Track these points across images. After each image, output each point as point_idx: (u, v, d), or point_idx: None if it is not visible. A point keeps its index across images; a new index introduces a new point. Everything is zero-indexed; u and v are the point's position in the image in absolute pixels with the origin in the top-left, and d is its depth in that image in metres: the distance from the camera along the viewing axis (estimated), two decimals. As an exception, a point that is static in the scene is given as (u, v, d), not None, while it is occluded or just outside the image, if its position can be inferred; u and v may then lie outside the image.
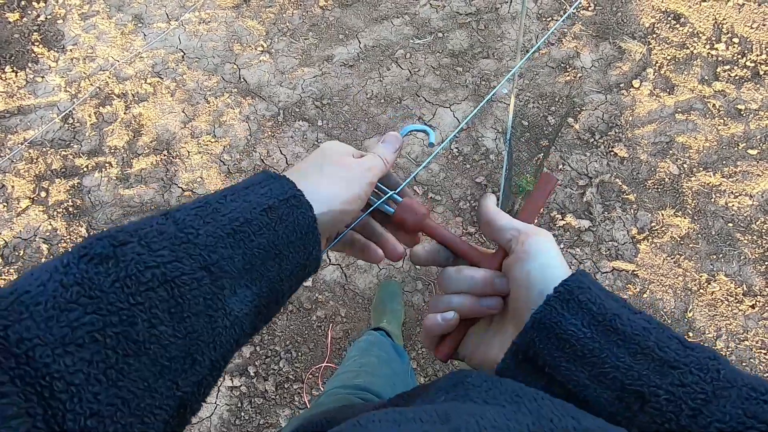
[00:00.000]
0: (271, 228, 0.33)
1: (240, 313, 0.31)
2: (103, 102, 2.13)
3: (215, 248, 0.30)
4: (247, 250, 0.32)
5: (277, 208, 0.33)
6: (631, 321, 0.31)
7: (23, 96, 2.17)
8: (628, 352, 0.30)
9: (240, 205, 0.33)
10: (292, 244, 0.34)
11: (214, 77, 2.16)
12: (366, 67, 2.16)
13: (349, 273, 1.77)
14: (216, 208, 0.32)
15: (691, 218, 1.80)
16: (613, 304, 0.32)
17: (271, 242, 0.33)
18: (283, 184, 0.35)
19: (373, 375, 0.85)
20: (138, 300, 0.26)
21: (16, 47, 2.28)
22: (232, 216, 0.32)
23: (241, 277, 0.31)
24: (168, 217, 0.31)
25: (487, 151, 1.95)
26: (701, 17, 2.17)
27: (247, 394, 1.59)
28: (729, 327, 1.64)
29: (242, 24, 2.28)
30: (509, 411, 0.27)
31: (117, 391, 0.24)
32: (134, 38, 2.27)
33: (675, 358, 0.29)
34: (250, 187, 0.35)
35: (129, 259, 0.27)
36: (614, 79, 2.07)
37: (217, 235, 0.30)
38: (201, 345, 0.28)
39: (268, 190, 0.34)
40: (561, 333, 0.31)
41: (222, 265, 0.30)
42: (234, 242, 0.31)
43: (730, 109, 1.98)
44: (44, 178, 1.99)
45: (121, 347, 0.25)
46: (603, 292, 0.33)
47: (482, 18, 2.24)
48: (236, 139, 2.03)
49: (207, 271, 0.29)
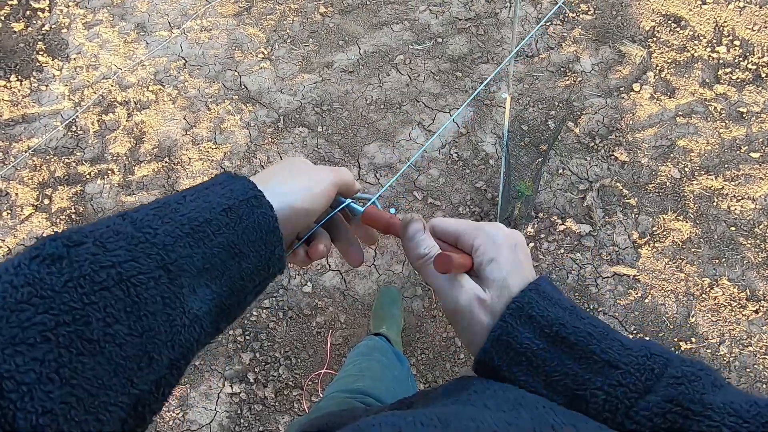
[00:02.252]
0: (230, 227, 0.33)
1: (200, 311, 0.31)
2: (106, 110, 2.16)
3: (174, 247, 0.30)
4: (207, 249, 0.32)
5: (237, 208, 0.34)
6: (576, 329, 0.34)
7: (27, 104, 2.20)
8: (574, 359, 0.33)
9: (200, 205, 0.33)
10: (253, 243, 0.34)
11: (215, 84, 2.18)
12: (366, 72, 2.16)
13: (349, 279, 1.77)
14: (175, 208, 0.32)
15: (693, 222, 1.78)
16: (560, 314, 0.34)
17: (231, 241, 0.33)
18: (243, 185, 0.35)
19: (374, 379, 0.85)
20: (92, 299, 0.26)
21: (21, 56, 2.31)
22: (191, 216, 0.32)
23: (201, 275, 0.31)
24: (125, 217, 0.31)
25: (486, 156, 1.95)
26: (702, 20, 2.16)
27: (247, 401, 1.59)
28: (732, 332, 1.62)
29: (243, 31, 2.30)
30: (510, 416, 0.28)
31: (71, 389, 0.24)
32: (137, 46, 2.30)
33: (616, 358, 0.32)
34: (210, 187, 0.35)
35: (83, 259, 0.27)
36: (614, 82, 2.07)
37: (176, 235, 0.31)
38: (158, 344, 0.28)
39: (228, 190, 0.35)
40: (517, 347, 0.34)
41: (181, 264, 0.30)
42: (193, 241, 0.31)
43: (732, 112, 1.97)
44: (47, 185, 2.01)
45: (74, 346, 0.25)
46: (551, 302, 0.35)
47: (482, 23, 2.24)
48: (237, 146, 2.04)
49: (165, 270, 0.29)
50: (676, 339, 1.62)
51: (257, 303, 1.73)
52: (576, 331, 0.33)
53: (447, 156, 1.96)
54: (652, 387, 0.31)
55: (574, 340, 0.33)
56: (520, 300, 0.35)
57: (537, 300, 0.35)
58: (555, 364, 0.33)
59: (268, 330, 1.69)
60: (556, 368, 0.33)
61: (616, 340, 0.33)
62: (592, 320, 0.35)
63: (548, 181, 1.89)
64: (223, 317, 0.34)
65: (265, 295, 1.74)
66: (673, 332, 1.63)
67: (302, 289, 1.75)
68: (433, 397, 0.35)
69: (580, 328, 0.33)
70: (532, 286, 0.35)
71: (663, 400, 0.31)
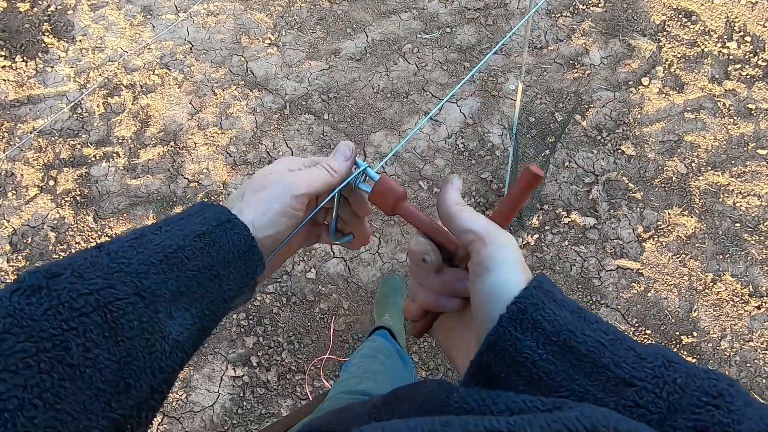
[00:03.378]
0: (205, 252, 0.34)
1: (180, 336, 0.32)
2: (112, 93, 2.15)
3: (147, 275, 0.31)
4: (181, 274, 0.33)
5: (210, 233, 0.35)
6: (587, 337, 0.29)
7: (33, 85, 2.19)
8: (583, 373, 0.29)
9: (174, 234, 0.34)
10: (231, 264, 0.35)
11: (221, 69, 2.17)
12: (373, 61, 2.15)
13: (353, 266, 1.77)
14: (150, 238, 0.33)
15: (698, 218, 1.78)
16: (568, 319, 0.30)
17: (207, 265, 0.34)
18: (216, 211, 0.36)
19: (377, 381, 0.86)
20: (71, 325, 0.27)
21: (27, 37, 2.29)
22: (165, 244, 0.33)
23: (177, 300, 0.32)
24: (101, 249, 0.32)
25: (492, 146, 1.94)
26: (713, 15, 2.15)
27: (250, 384, 1.60)
28: (734, 327, 1.62)
29: (250, 16, 2.28)
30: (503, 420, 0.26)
31: (55, 414, 0.25)
32: (143, 30, 2.28)
33: (631, 374, 0.28)
34: (186, 217, 0.36)
35: (61, 288, 0.28)
36: (623, 76, 2.06)
37: (149, 263, 0.32)
38: (136, 370, 0.29)
39: (202, 218, 0.36)
40: (516, 355, 0.30)
41: (154, 290, 0.31)
42: (167, 268, 0.32)
43: (741, 108, 1.96)
44: (53, 167, 2.01)
45: (56, 371, 0.26)
46: (558, 304, 0.31)
47: (490, 13, 2.23)
48: (243, 132, 2.03)
49: (140, 297, 0.30)
50: (677, 333, 1.63)
51: (261, 288, 1.73)
52: (586, 339, 0.29)
53: (453, 146, 1.96)
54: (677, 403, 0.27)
55: (584, 351, 0.29)
56: (522, 301, 0.30)
57: (543, 301, 0.30)
58: (561, 378, 0.29)
59: (272, 315, 1.70)
60: (561, 383, 0.29)
61: (630, 348, 0.29)
62: (601, 324, 0.30)
63: (554, 174, 1.88)
64: (203, 338, 0.35)
65: (269, 280, 1.75)
66: (674, 326, 1.64)
67: (306, 276, 1.75)
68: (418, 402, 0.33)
69: (590, 336, 0.29)
70: (536, 282, 0.31)
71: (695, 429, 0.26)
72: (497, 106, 2.03)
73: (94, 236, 1.88)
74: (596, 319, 0.31)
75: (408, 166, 1.92)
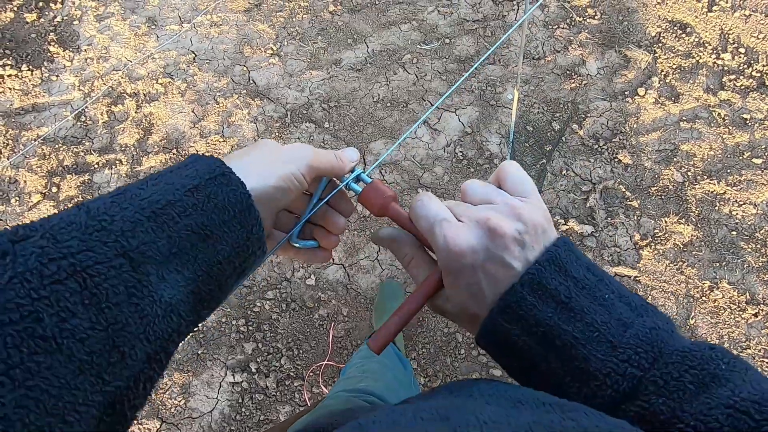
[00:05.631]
0: (198, 208, 0.31)
1: (173, 299, 0.29)
2: (115, 101, 2.18)
3: (134, 233, 0.28)
4: (173, 233, 0.30)
5: (204, 187, 0.32)
6: (562, 331, 0.32)
7: (38, 94, 2.22)
8: (558, 359, 0.33)
9: (162, 188, 0.31)
10: (226, 224, 0.32)
11: (224, 79, 2.20)
12: (373, 71, 2.19)
13: (352, 273, 1.78)
14: (135, 193, 0.30)
15: (695, 226, 1.80)
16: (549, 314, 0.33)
17: (200, 223, 0.31)
18: (209, 163, 0.33)
19: (376, 380, 0.86)
20: (42, 294, 0.24)
21: (33, 47, 2.33)
22: (152, 199, 0.30)
23: (169, 261, 0.29)
24: (81, 207, 0.29)
25: (491, 155, 1.97)
26: (707, 27, 2.19)
27: (248, 390, 1.60)
28: (731, 335, 1.63)
29: (253, 27, 2.32)
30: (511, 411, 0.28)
31: (27, 392, 0.23)
32: (147, 40, 2.32)
33: (596, 367, 0.31)
34: (175, 170, 0.33)
35: (29, 253, 0.25)
36: (619, 86, 2.09)
37: (136, 220, 0.29)
38: (128, 336, 0.27)
39: (193, 170, 0.33)
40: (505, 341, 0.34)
41: (143, 250, 0.28)
42: (156, 226, 0.29)
43: (736, 118, 1.99)
44: (56, 173, 2.03)
45: (25, 345, 0.23)
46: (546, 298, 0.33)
47: (489, 25, 2.27)
48: (244, 139, 2.06)
49: (126, 258, 0.27)
50: (675, 340, 1.63)
51: (260, 294, 1.74)
52: (562, 333, 0.32)
53: (452, 154, 1.98)
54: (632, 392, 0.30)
55: (559, 344, 0.32)
56: (509, 298, 0.33)
57: (526, 298, 0.33)
58: (540, 360, 0.33)
59: (271, 321, 1.70)
60: (541, 363, 0.33)
61: (606, 341, 0.31)
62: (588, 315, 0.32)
63: (551, 182, 1.90)
64: (203, 304, 0.32)
65: (268, 286, 1.76)
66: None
67: (305, 282, 1.76)
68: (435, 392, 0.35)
69: (567, 330, 0.32)
70: (526, 278, 0.33)
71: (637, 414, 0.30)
72: (495, 115, 2.05)
73: (95, 242, 1.90)
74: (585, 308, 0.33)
75: (407, 174, 1.94)
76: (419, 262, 0.40)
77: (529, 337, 0.33)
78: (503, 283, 0.34)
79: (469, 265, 0.34)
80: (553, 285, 0.33)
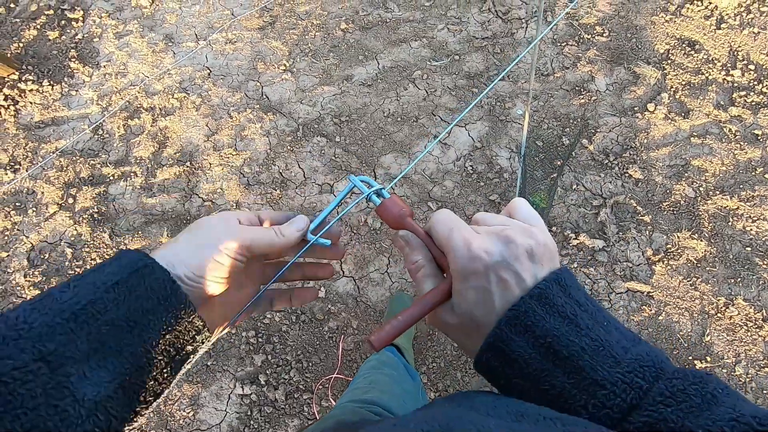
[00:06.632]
0: (119, 302, 0.32)
1: (98, 396, 0.30)
2: (132, 115, 2.23)
3: (52, 336, 0.29)
4: (93, 330, 0.31)
5: (125, 282, 0.33)
6: (570, 342, 0.33)
7: (57, 108, 2.28)
8: (564, 372, 0.33)
9: (83, 290, 0.32)
10: (150, 311, 0.33)
11: (237, 94, 2.25)
12: (384, 86, 2.22)
13: (362, 285, 1.78)
14: (57, 297, 0.32)
15: (708, 241, 1.78)
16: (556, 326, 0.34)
17: (122, 316, 0.32)
18: (132, 258, 0.35)
19: (383, 391, 0.86)
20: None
21: (54, 63, 2.41)
22: (72, 301, 0.31)
23: (89, 359, 0.30)
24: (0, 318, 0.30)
25: (501, 169, 1.98)
26: (716, 44, 2.20)
27: (257, 403, 1.59)
28: (749, 353, 1.60)
29: (266, 44, 2.38)
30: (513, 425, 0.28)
31: None
32: (164, 56, 2.38)
33: (604, 377, 0.32)
34: (100, 268, 0.34)
35: None
36: (629, 102, 2.10)
37: (54, 323, 0.30)
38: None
39: (117, 267, 0.34)
40: (510, 353, 0.34)
41: (62, 352, 0.29)
42: (76, 326, 0.30)
43: (747, 134, 1.98)
44: (72, 185, 2.07)
45: None
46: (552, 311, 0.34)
47: (498, 42, 2.30)
48: (256, 153, 2.09)
49: (44, 362, 0.28)
50: (690, 357, 1.60)
51: (271, 306, 1.74)
52: (569, 344, 0.33)
53: (462, 168, 1.99)
54: (639, 403, 0.31)
55: (566, 354, 0.33)
56: (518, 308, 0.34)
57: (535, 309, 0.34)
58: (545, 374, 0.33)
59: (281, 333, 1.70)
60: (545, 378, 0.33)
61: (610, 356, 0.33)
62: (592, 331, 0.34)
63: (562, 196, 1.90)
64: (138, 396, 0.32)
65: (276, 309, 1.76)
66: (687, 350, 1.61)
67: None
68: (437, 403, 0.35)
69: (574, 341, 0.33)
70: (535, 291, 0.35)
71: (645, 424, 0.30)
72: (505, 130, 2.07)
73: (109, 253, 1.92)
74: (590, 325, 0.34)
75: (417, 188, 1.95)
76: (427, 272, 0.41)
77: (535, 350, 0.33)
78: (512, 293, 0.35)
79: (483, 267, 0.36)
80: (560, 302, 0.35)
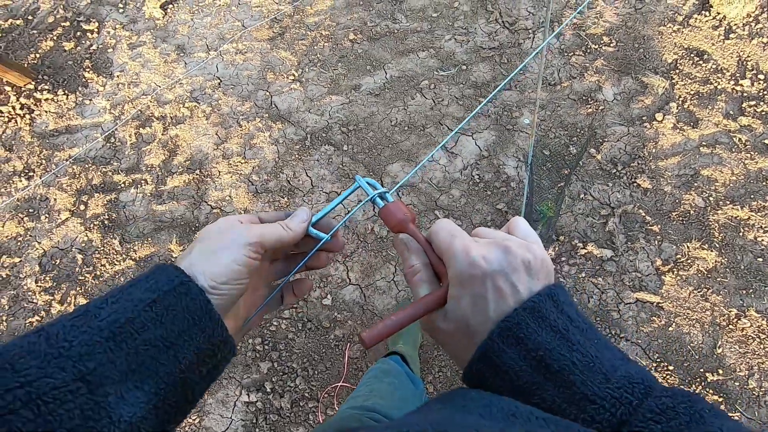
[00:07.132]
0: (157, 322, 0.32)
1: (134, 418, 0.30)
2: (144, 123, 2.27)
3: (92, 356, 0.29)
4: (131, 350, 0.31)
5: (162, 300, 0.33)
6: (561, 356, 0.33)
7: (71, 116, 2.33)
8: (554, 386, 0.33)
9: (122, 306, 0.32)
10: (186, 332, 0.33)
11: (247, 103, 2.28)
12: (391, 96, 2.24)
13: (368, 293, 1.78)
14: (95, 314, 0.31)
15: (719, 251, 1.76)
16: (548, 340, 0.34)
17: (159, 336, 0.32)
18: (169, 273, 0.35)
19: (383, 399, 0.86)
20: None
21: (69, 73, 2.46)
22: (111, 319, 0.31)
23: (128, 379, 0.30)
24: (41, 333, 0.30)
25: (508, 178, 1.98)
26: (725, 54, 2.19)
27: (263, 410, 1.59)
28: (762, 365, 1.57)
29: (276, 55, 2.42)
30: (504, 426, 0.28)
31: None
32: (176, 66, 2.43)
33: (594, 392, 0.32)
34: (136, 284, 0.34)
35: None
36: (637, 112, 2.09)
37: (93, 342, 0.30)
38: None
39: (153, 283, 0.34)
40: (500, 365, 0.34)
41: (101, 371, 0.29)
42: (115, 345, 0.30)
43: (757, 143, 1.97)
44: (84, 192, 2.10)
45: None
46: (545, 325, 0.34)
47: (505, 52, 2.32)
48: (265, 161, 2.11)
49: (83, 382, 0.28)
50: (702, 369, 1.58)
51: (277, 313, 1.75)
52: (561, 358, 0.33)
53: (469, 177, 2.00)
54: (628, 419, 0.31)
55: (557, 368, 0.33)
56: (511, 320, 0.34)
57: (528, 322, 0.34)
58: (535, 388, 0.33)
59: (287, 340, 1.70)
60: (536, 392, 0.33)
61: (600, 373, 0.33)
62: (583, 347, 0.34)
63: (569, 206, 1.90)
64: (171, 415, 0.33)
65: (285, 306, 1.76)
66: (698, 362, 1.59)
67: (322, 302, 1.77)
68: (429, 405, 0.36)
69: (565, 356, 0.33)
70: (528, 304, 0.35)
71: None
72: (512, 139, 2.07)
73: (119, 259, 1.94)
74: (580, 341, 0.34)
75: (424, 196, 1.96)
76: (423, 277, 0.42)
77: (526, 363, 0.34)
78: (507, 303, 0.36)
79: (481, 274, 0.36)
80: (552, 317, 0.35)
